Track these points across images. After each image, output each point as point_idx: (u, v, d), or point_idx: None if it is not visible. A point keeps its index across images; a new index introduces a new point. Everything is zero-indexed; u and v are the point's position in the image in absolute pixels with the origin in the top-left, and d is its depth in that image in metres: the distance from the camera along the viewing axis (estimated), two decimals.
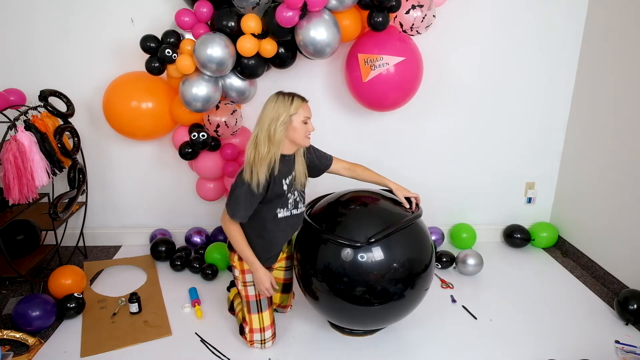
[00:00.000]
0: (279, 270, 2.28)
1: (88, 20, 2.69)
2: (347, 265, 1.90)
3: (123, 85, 2.58)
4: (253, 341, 2.11)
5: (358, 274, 1.90)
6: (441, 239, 3.11)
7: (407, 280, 1.95)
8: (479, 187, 3.14)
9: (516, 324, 2.32)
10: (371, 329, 2.21)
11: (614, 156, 2.63)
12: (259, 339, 2.10)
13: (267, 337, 2.11)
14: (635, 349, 2.14)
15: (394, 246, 1.93)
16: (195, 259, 2.77)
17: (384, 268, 1.90)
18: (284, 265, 2.28)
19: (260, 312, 2.09)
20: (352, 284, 1.91)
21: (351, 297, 1.93)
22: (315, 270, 1.99)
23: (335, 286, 1.94)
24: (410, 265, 1.95)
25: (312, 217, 2.10)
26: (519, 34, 2.82)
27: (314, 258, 2.01)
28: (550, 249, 3.12)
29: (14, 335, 2.14)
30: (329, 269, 1.94)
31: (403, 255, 1.94)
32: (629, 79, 2.50)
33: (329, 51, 2.33)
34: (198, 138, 2.54)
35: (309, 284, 2.06)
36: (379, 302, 1.94)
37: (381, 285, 1.91)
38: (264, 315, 2.10)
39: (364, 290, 1.91)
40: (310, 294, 2.09)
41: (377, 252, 1.90)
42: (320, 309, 2.12)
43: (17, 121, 2.25)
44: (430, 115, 2.95)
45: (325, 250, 1.97)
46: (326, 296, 2.00)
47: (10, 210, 2.44)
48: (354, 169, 2.24)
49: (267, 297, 2.10)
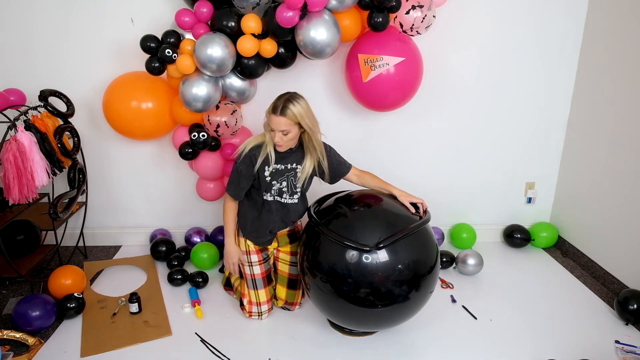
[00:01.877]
0: (283, 263, 2.35)
1: (88, 20, 2.69)
2: (352, 267, 1.89)
3: (123, 85, 2.58)
4: (251, 312, 2.32)
5: (363, 275, 1.89)
6: (441, 239, 3.11)
7: (412, 283, 1.94)
8: (479, 187, 3.14)
9: (516, 324, 2.32)
10: (374, 330, 2.21)
11: (614, 156, 2.63)
12: (256, 312, 2.31)
13: (263, 310, 2.32)
14: (635, 349, 2.14)
15: (400, 249, 1.92)
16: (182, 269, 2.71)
17: (389, 270, 1.89)
18: (289, 260, 2.34)
19: (256, 289, 2.30)
20: (357, 286, 1.90)
21: (355, 298, 1.92)
22: (320, 270, 1.99)
23: (339, 287, 1.93)
24: (415, 268, 1.94)
25: (319, 214, 2.10)
26: (519, 34, 2.82)
27: (318, 256, 2.00)
28: (550, 249, 3.12)
29: (14, 335, 2.14)
30: (334, 270, 1.93)
31: (408, 257, 1.93)
32: (629, 78, 2.50)
33: (329, 51, 2.33)
34: (198, 138, 2.54)
35: (312, 281, 2.05)
36: (383, 304, 1.93)
37: (385, 287, 1.90)
38: (259, 292, 2.31)
39: (369, 292, 1.90)
40: (311, 291, 2.10)
41: (382, 254, 1.89)
42: (322, 309, 2.12)
43: (17, 121, 2.25)
44: (430, 115, 2.95)
45: (331, 250, 1.96)
46: (330, 297, 1.99)
47: (10, 210, 2.44)
48: (363, 176, 2.30)
49: (262, 279, 2.30)
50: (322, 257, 1.99)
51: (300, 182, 2.19)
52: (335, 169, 2.25)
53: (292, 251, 2.35)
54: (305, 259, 2.08)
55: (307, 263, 2.06)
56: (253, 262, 2.30)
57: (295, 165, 2.17)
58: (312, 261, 2.03)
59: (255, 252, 2.29)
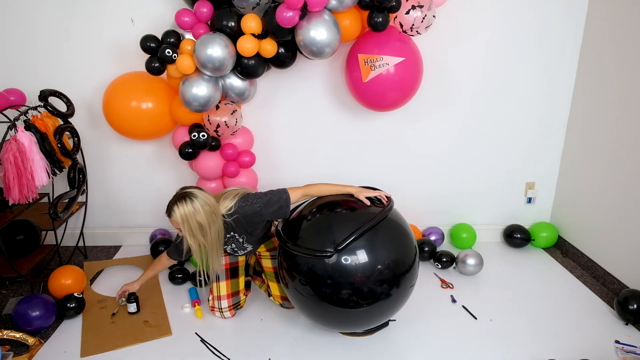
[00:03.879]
0: (265, 259, 2.41)
1: (88, 20, 2.69)
2: (330, 268, 1.89)
3: (123, 85, 2.58)
4: (213, 307, 2.33)
5: (341, 276, 1.89)
6: (441, 239, 3.11)
7: (392, 281, 1.94)
8: (479, 187, 3.14)
9: (516, 324, 2.32)
10: (361, 330, 2.19)
11: (614, 156, 2.63)
12: (217, 307, 2.32)
13: (223, 306, 2.31)
14: (635, 349, 2.14)
15: (374, 246, 1.92)
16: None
17: (368, 270, 1.89)
18: (269, 255, 2.41)
19: (218, 281, 2.32)
20: (337, 288, 1.90)
21: (336, 300, 1.92)
22: (299, 281, 1.99)
23: (320, 290, 1.93)
24: (394, 266, 1.94)
25: (285, 232, 2.08)
26: (519, 34, 2.82)
27: (294, 272, 2.01)
28: (550, 249, 3.12)
29: (14, 335, 2.14)
30: (311, 278, 1.93)
31: (386, 255, 1.93)
32: (629, 78, 2.50)
33: (329, 51, 2.33)
34: (198, 138, 2.54)
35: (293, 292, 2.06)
36: (367, 303, 1.93)
37: (367, 286, 1.90)
38: (221, 285, 2.32)
39: (350, 292, 1.90)
40: (294, 300, 2.11)
41: (362, 254, 1.89)
42: (308, 315, 2.12)
43: (17, 121, 2.25)
44: (430, 115, 2.95)
45: (301, 263, 1.97)
46: (310, 301, 1.99)
47: (10, 210, 2.44)
48: (309, 191, 2.13)
49: (225, 270, 2.32)
50: (296, 268, 1.99)
51: (241, 245, 2.22)
52: (275, 214, 2.10)
53: (268, 248, 2.41)
54: (285, 273, 2.09)
55: (287, 276, 2.07)
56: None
57: (233, 234, 2.16)
58: (289, 274, 2.04)
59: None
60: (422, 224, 3.16)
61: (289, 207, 2.10)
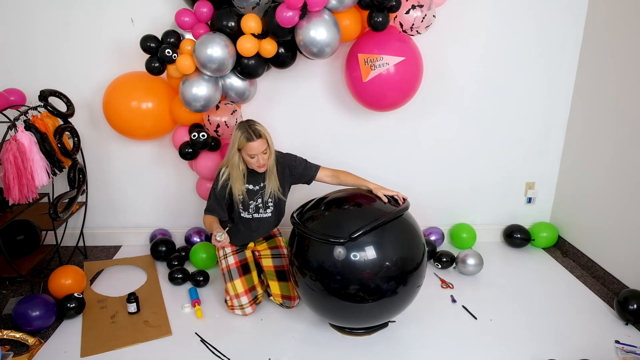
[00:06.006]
0: (266, 258, 2.44)
1: (88, 20, 2.69)
2: (340, 264, 1.93)
3: (123, 85, 2.58)
4: (233, 307, 2.35)
5: (351, 271, 1.93)
6: (441, 239, 3.11)
7: (399, 278, 1.98)
8: (479, 187, 3.14)
9: (516, 324, 2.32)
10: (366, 326, 2.21)
11: (614, 156, 2.63)
12: (237, 304, 2.33)
13: (243, 303, 2.33)
14: (635, 349, 2.14)
15: (384, 243, 1.97)
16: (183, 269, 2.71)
17: (376, 266, 1.93)
18: (270, 254, 2.44)
19: (232, 280, 2.33)
20: (345, 282, 1.95)
21: (345, 295, 1.96)
22: (310, 269, 2.03)
23: (329, 285, 1.97)
24: (402, 263, 1.98)
25: (300, 217, 2.15)
26: (519, 34, 2.82)
27: (306, 259, 2.05)
28: (550, 249, 3.12)
29: (14, 335, 2.14)
30: (322, 267, 1.97)
31: (394, 252, 1.98)
32: (630, 78, 2.50)
33: (329, 51, 2.33)
34: (198, 138, 2.54)
35: (303, 283, 2.09)
36: (373, 299, 1.97)
37: (374, 282, 1.94)
38: (235, 283, 2.33)
39: (358, 288, 1.94)
40: (303, 293, 2.13)
41: (370, 250, 1.93)
42: (314, 309, 2.15)
43: (17, 121, 2.25)
44: (430, 115, 2.94)
45: (316, 249, 2.01)
46: (320, 295, 2.03)
47: (10, 210, 2.44)
48: (337, 175, 2.35)
49: (237, 268, 2.35)
50: (309, 255, 2.04)
51: (275, 196, 2.31)
52: (303, 174, 2.34)
53: (270, 247, 2.46)
54: (295, 260, 2.12)
55: (296, 262, 2.11)
56: (227, 253, 2.39)
57: (263, 184, 2.29)
58: (300, 260, 2.08)
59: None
60: (422, 224, 3.16)
61: (315, 174, 2.34)
